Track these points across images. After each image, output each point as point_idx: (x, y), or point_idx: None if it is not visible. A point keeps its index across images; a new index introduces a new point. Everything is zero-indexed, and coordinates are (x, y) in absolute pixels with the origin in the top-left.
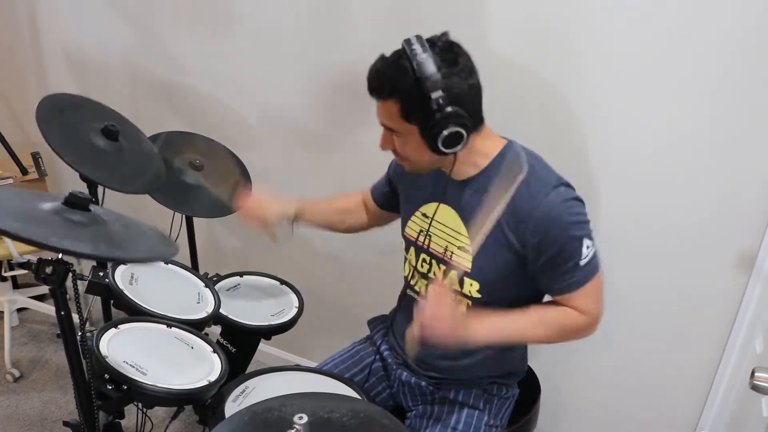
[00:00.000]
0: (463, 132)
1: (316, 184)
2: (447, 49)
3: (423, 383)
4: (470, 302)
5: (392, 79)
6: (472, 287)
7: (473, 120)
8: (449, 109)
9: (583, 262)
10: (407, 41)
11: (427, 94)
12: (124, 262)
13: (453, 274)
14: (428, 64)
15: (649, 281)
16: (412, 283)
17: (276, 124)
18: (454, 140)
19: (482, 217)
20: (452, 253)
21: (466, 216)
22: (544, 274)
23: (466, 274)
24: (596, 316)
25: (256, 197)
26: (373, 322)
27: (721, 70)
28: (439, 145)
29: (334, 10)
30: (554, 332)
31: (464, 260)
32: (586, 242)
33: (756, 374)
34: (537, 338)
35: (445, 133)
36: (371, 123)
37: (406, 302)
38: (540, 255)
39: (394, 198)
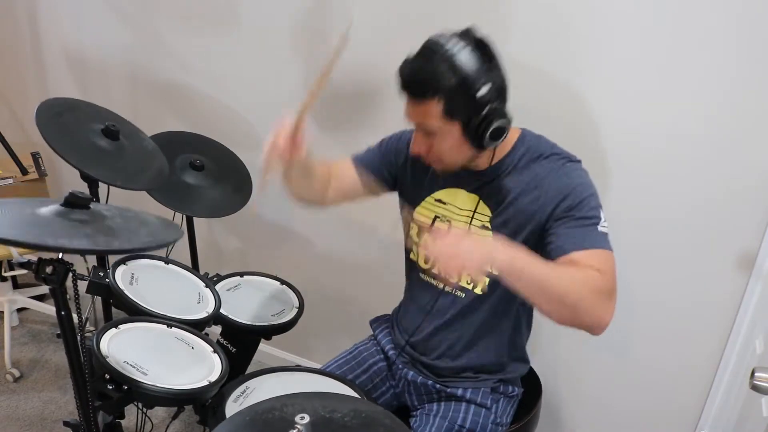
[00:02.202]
0: (507, 124)
1: None
2: (481, 44)
3: (429, 381)
4: (487, 279)
5: (436, 77)
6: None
7: (509, 119)
8: (495, 104)
9: (600, 228)
10: (439, 38)
11: (474, 90)
12: (124, 253)
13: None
14: (473, 59)
15: (649, 281)
16: (426, 266)
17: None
18: (500, 134)
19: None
20: (474, 233)
21: (488, 196)
22: (563, 230)
23: None
24: (614, 284)
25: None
26: (375, 322)
27: (721, 70)
28: (486, 140)
29: (335, 11)
30: (574, 286)
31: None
32: (602, 215)
33: (756, 374)
34: (556, 287)
35: (493, 127)
36: (371, 122)
37: (417, 291)
38: (562, 209)
39: (383, 176)
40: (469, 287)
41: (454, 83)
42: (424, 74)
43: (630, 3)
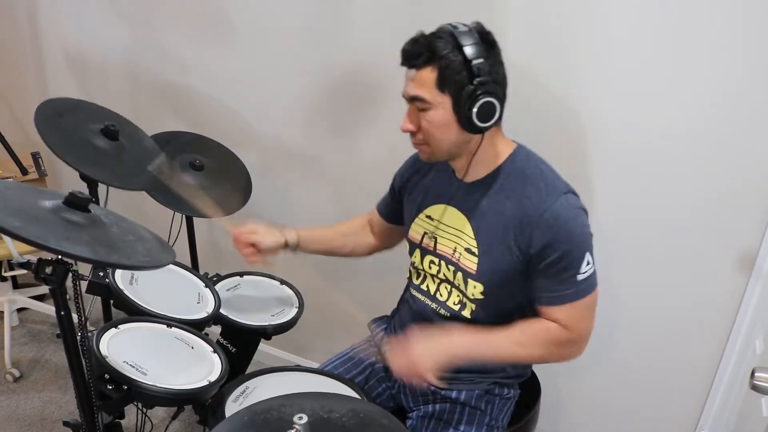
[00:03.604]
0: (497, 105)
1: (314, 185)
2: (483, 31)
3: (425, 383)
4: (474, 305)
5: (432, 45)
6: (476, 289)
7: (502, 105)
8: (487, 78)
9: (581, 277)
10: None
11: (467, 62)
12: (122, 268)
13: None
14: (470, 35)
15: (649, 282)
16: (417, 282)
17: (275, 124)
18: (488, 113)
19: None
20: (460, 254)
21: (474, 217)
22: (541, 280)
23: (470, 275)
24: (583, 334)
25: (250, 226)
26: (374, 323)
27: (721, 69)
28: (473, 117)
29: (335, 11)
30: (536, 349)
31: (470, 262)
32: (588, 257)
33: (756, 374)
34: (519, 356)
35: (481, 102)
36: (370, 124)
37: (410, 304)
38: (542, 259)
39: (400, 210)
40: (456, 309)
41: (448, 52)
42: (423, 42)
43: (631, 3)
